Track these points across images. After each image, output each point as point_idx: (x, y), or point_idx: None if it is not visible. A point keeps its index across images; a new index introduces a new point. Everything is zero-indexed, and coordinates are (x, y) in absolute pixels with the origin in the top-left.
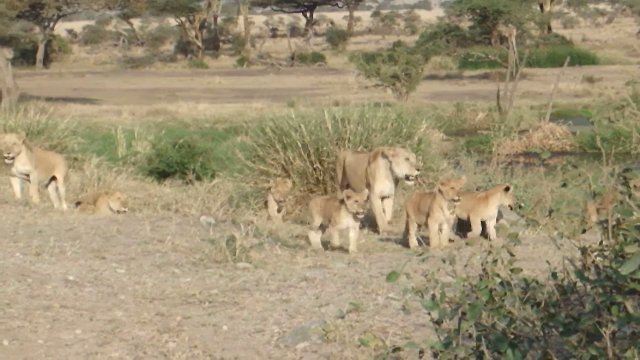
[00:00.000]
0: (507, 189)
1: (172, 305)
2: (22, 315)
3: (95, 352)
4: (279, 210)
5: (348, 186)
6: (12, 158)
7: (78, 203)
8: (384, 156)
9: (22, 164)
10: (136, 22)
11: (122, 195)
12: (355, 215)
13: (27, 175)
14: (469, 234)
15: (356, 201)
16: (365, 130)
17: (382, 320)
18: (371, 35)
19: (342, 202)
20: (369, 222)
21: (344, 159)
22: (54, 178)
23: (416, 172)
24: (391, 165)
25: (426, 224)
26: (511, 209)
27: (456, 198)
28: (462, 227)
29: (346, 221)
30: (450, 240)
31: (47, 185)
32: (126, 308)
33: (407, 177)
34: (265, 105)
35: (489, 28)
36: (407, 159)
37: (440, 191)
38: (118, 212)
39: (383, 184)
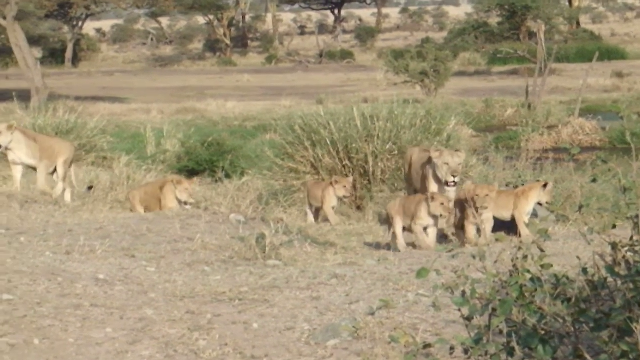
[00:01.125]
0: (545, 185)
1: (202, 303)
2: (52, 314)
3: (125, 351)
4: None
5: (412, 185)
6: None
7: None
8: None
9: (25, 155)
10: (164, 21)
11: (189, 186)
12: (437, 218)
13: (35, 168)
14: (522, 237)
15: (442, 204)
16: (394, 127)
17: (412, 317)
18: (399, 32)
19: (425, 200)
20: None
21: (411, 156)
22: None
23: (452, 179)
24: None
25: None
26: (548, 204)
27: (485, 206)
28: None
29: (427, 220)
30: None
31: (52, 173)
32: (156, 306)
33: (446, 183)
34: (294, 102)
35: (517, 24)
36: (446, 163)
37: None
38: (185, 203)
39: (434, 187)
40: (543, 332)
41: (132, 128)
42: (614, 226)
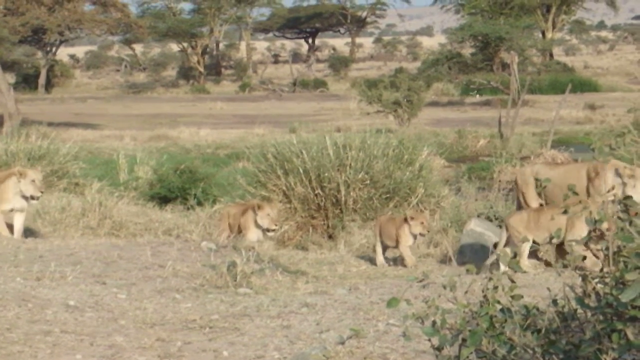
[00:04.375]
0: None
1: (172, 330)
2: (22, 340)
3: None
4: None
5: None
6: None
7: None
8: (618, 174)
9: None
10: (138, 48)
11: (272, 210)
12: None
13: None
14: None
15: None
16: (366, 157)
17: (382, 347)
18: (373, 62)
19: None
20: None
21: (536, 173)
22: None
23: None
24: (625, 187)
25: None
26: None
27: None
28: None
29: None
30: None
31: None
32: (127, 333)
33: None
34: (267, 131)
35: (490, 55)
36: None
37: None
38: (268, 230)
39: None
40: None
41: (105, 154)
42: (584, 258)
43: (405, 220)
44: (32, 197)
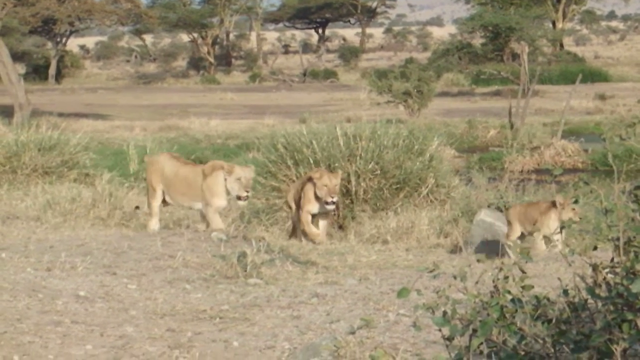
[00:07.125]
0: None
1: (182, 321)
2: (32, 330)
3: None
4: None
5: None
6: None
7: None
8: None
9: None
10: (148, 38)
11: (330, 181)
12: None
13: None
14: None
15: None
16: (376, 147)
17: (392, 337)
18: (383, 52)
19: None
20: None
21: None
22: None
23: None
24: None
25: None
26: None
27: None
28: None
29: None
30: None
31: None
32: (137, 324)
33: None
34: (277, 121)
35: (501, 45)
36: None
37: None
38: (326, 203)
39: None
40: (523, 353)
41: (115, 145)
42: (595, 248)
43: (554, 205)
44: (239, 198)
